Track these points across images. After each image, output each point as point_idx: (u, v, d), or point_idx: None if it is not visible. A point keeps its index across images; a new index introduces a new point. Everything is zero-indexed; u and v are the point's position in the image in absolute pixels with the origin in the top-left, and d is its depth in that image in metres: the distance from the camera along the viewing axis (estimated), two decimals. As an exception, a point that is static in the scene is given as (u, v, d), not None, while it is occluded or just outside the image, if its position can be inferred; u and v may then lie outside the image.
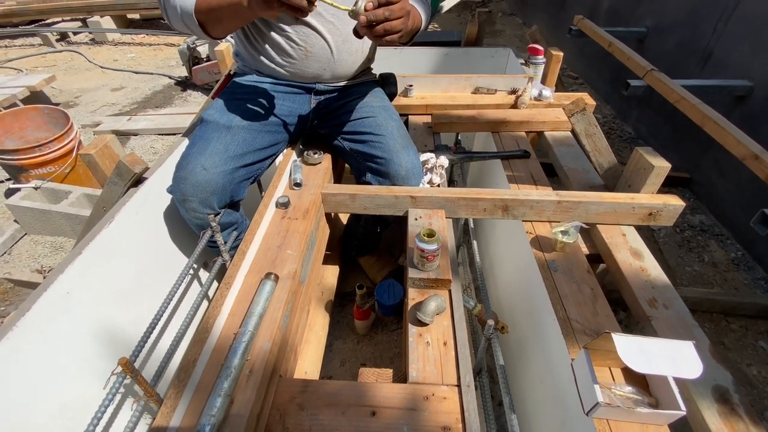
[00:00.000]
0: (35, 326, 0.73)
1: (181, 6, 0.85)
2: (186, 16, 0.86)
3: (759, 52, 1.76)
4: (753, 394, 1.28)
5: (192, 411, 0.59)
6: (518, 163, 1.28)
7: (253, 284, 0.79)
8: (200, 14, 0.85)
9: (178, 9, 0.86)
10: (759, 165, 1.18)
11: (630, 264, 0.92)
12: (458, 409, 0.67)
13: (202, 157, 0.96)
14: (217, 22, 0.88)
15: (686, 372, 0.57)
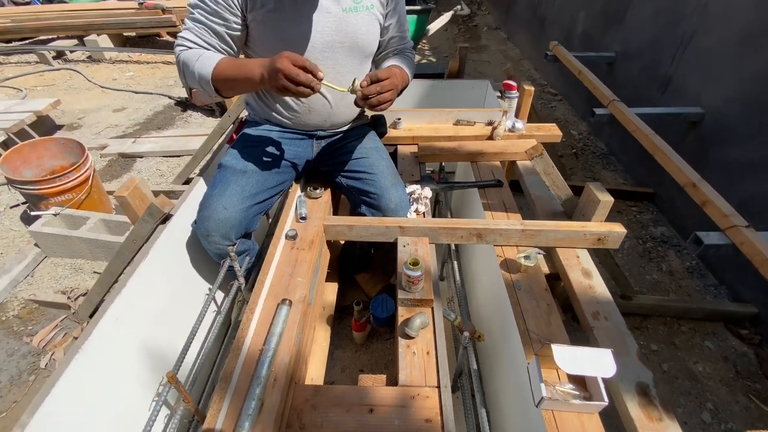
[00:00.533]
0: (95, 347, 0.90)
1: (200, 73, 1.02)
2: (203, 82, 1.03)
3: (709, 82, 1.98)
4: (697, 388, 1.49)
5: (232, 412, 0.76)
6: (492, 191, 1.47)
7: (271, 308, 0.96)
8: (216, 82, 1.02)
9: (197, 75, 1.02)
10: (696, 192, 1.39)
11: (581, 282, 1.11)
12: (438, 405, 0.86)
13: (223, 198, 1.14)
14: (231, 89, 1.06)
15: (604, 372, 0.76)
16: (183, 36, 1.04)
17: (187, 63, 1.02)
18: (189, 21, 1.04)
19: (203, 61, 1.00)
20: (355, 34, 1.10)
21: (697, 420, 1.41)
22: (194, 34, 1.03)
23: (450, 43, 5.22)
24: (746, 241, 1.19)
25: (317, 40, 1.07)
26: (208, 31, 1.03)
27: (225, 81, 1.01)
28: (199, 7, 1.01)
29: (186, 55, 1.03)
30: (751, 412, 1.43)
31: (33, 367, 1.50)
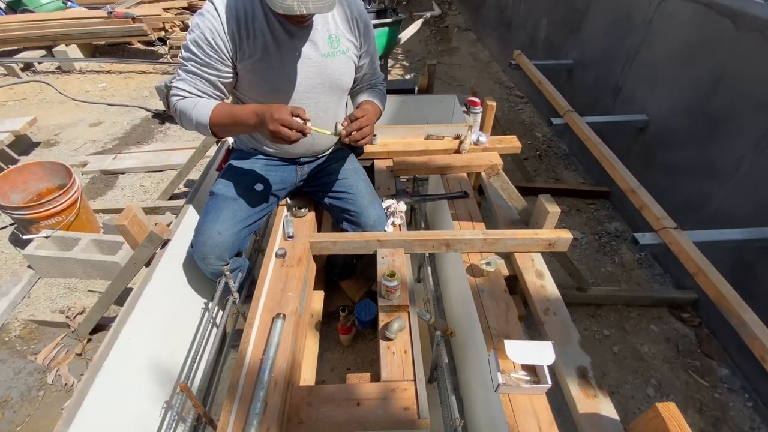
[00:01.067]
0: (114, 364, 1.02)
1: (197, 120, 1.14)
2: (201, 127, 1.15)
3: (653, 91, 2.20)
4: (643, 366, 1.71)
5: (241, 413, 0.90)
6: (460, 202, 1.64)
7: (267, 321, 1.10)
8: (214, 127, 1.14)
9: (194, 122, 1.14)
10: (635, 197, 1.59)
11: (534, 283, 1.29)
12: (414, 395, 1.02)
13: (217, 224, 1.26)
14: (227, 132, 1.18)
15: (546, 361, 0.94)
16: (178, 86, 1.15)
17: (185, 111, 1.13)
18: (183, 72, 1.14)
19: (199, 110, 1.12)
20: (333, 76, 1.24)
21: (642, 394, 1.62)
22: (189, 84, 1.14)
23: (422, 46, 5.37)
24: (674, 241, 1.40)
25: (300, 83, 1.20)
26: (201, 80, 1.14)
27: (221, 126, 1.14)
28: (192, 60, 1.11)
29: (182, 104, 1.14)
30: (690, 386, 1.66)
31: (41, 383, 1.59)
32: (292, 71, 1.17)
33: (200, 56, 1.10)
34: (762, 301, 1.57)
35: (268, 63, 1.14)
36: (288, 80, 1.18)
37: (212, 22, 1.07)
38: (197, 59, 1.11)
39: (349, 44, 1.23)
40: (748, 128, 1.63)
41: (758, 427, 1.52)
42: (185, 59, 1.12)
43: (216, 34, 1.08)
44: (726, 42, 1.72)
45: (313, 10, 0.95)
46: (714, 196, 1.79)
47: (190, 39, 1.10)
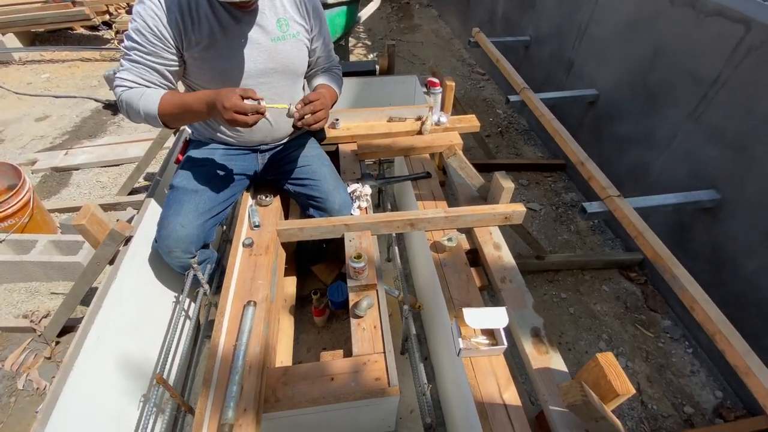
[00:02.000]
0: (84, 363, 1.03)
1: (145, 111, 1.11)
2: (150, 118, 1.12)
3: (601, 66, 2.31)
4: (596, 324, 1.86)
5: (218, 398, 0.95)
6: (423, 182, 1.70)
7: (238, 309, 1.14)
8: (163, 117, 1.12)
9: (142, 113, 1.11)
10: (583, 169, 1.70)
11: (492, 254, 1.38)
12: (384, 366, 1.09)
13: (180, 217, 1.26)
14: (178, 122, 1.17)
15: (500, 324, 1.03)
16: (122, 77, 1.12)
17: (131, 103, 1.10)
18: (126, 62, 1.11)
19: (146, 100, 1.10)
20: (285, 60, 1.24)
21: (595, 349, 1.78)
22: (133, 74, 1.11)
23: (384, 23, 5.30)
24: (617, 208, 1.52)
25: (251, 69, 1.19)
26: (147, 69, 1.11)
27: (171, 116, 1.12)
28: (135, 49, 1.09)
29: (127, 95, 1.11)
30: (637, 338, 1.83)
31: (11, 389, 1.56)
32: (241, 57, 1.16)
33: (144, 45, 1.07)
34: (696, 257, 1.74)
35: (215, 49, 1.12)
36: (238, 66, 1.17)
37: (153, 9, 1.05)
38: (141, 48, 1.08)
39: (299, 27, 1.23)
40: (682, 99, 1.76)
41: (697, 371, 1.71)
42: (128, 48, 1.09)
43: (159, 21, 1.06)
44: (662, 17, 1.83)
45: None
46: (654, 164, 1.94)
47: (132, 28, 1.07)
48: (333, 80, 1.37)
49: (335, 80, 1.39)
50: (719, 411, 1.58)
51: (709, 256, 1.69)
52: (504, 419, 0.99)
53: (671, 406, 1.60)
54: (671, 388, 1.66)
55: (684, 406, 1.60)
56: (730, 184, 1.58)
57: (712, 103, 1.65)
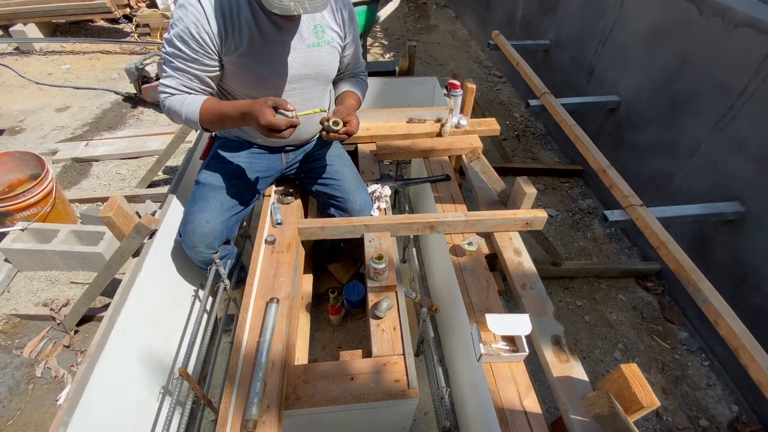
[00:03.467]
0: (110, 354, 1.05)
1: (187, 116, 1.13)
2: (191, 123, 1.14)
3: (624, 73, 2.29)
4: (611, 333, 1.85)
5: (242, 393, 0.96)
6: (442, 185, 1.70)
7: (261, 306, 1.15)
8: (203, 123, 1.14)
9: (183, 117, 1.13)
10: (605, 176, 1.68)
11: (512, 260, 1.38)
12: (404, 368, 1.09)
13: (205, 213, 1.27)
14: (217, 127, 1.18)
15: (523, 331, 1.02)
16: (165, 83, 1.13)
17: (173, 108, 1.13)
18: (169, 69, 1.11)
19: (187, 107, 1.12)
20: (319, 66, 1.24)
21: (610, 358, 1.77)
22: (176, 81, 1.12)
23: (401, 23, 5.30)
24: (640, 217, 1.50)
25: (286, 74, 1.20)
26: (188, 76, 1.11)
27: (212, 122, 1.14)
28: (178, 56, 1.08)
29: (170, 102, 1.13)
30: (653, 349, 1.81)
31: (29, 377, 1.60)
32: (278, 63, 1.16)
33: (186, 51, 1.07)
34: (718, 270, 1.72)
35: (254, 56, 1.12)
36: (274, 72, 1.18)
37: (196, 15, 1.03)
38: (183, 55, 1.08)
39: (334, 34, 1.23)
40: (708, 110, 1.73)
41: (714, 384, 1.69)
42: (170, 55, 1.09)
43: (201, 28, 1.05)
44: (690, 26, 1.80)
45: (310, 10, 0.94)
46: (676, 173, 1.91)
47: (174, 34, 1.06)
48: (358, 87, 1.39)
49: (360, 87, 1.40)
50: (735, 425, 1.56)
51: (730, 268, 1.67)
52: (524, 426, 0.99)
53: (686, 418, 1.58)
54: (687, 401, 1.64)
55: (699, 419, 1.58)
56: (755, 196, 1.56)
57: (738, 114, 1.63)
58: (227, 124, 1.14)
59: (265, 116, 1.01)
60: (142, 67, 3.14)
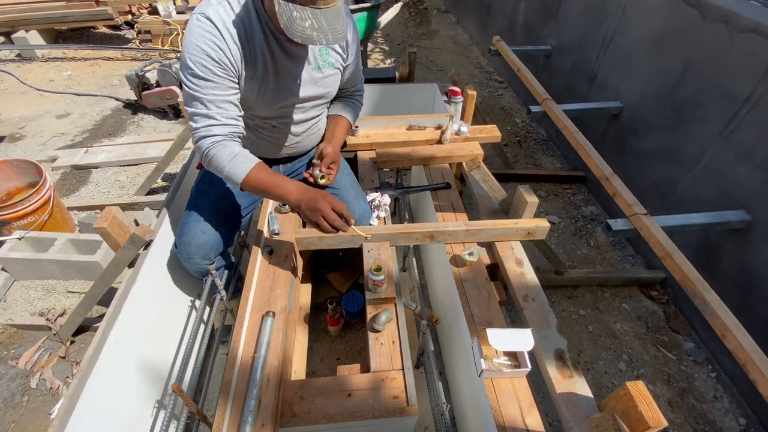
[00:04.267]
0: (103, 367, 1.02)
1: (228, 175, 1.06)
2: (230, 182, 1.09)
3: (626, 79, 2.26)
4: (615, 343, 1.81)
5: (235, 411, 0.93)
6: (442, 193, 1.68)
7: (256, 320, 1.12)
8: (245, 188, 1.09)
9: (224, 174, 1.07)
10: (608, 184, 1.66)
11: (514, 271, 1.35)
12: (403, 384, 1.07)
13: (201, 224, 1.25)
14: (256, 194, 1.13)
15: (525, 347, 0.99)
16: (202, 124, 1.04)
17: (218, 161, 1.05)
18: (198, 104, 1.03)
19: (234, 167, 1.05)
20: (322, 88, 1.23)
21: (615, 369, 1.73)
22: (211, 118, 1.04)
23: (402, 29, 5.30)
24: (644, 226, 1.47)
25: (293, 97, 1.19)
26: (222, 106, 1.04)
27: (252, 189, 1.09)
28: (206, 87, 1.01)
29: (216, 152, 1.04)
30: (658, 360, 1.78)
31: (24, 388, 1.57)
32: (284, 87, 1.15)
33: (211, 79, 1.01)
34: (724, 279, 1.68)
35: (265, 80, 1.11)
36: (282, 96, 1.17)
37: (213, 40, 0.98)
38: (210, 82, 1.01)
39: (337, 56, 1.22)
40: (712, 116, 1.71)
41: (720, 396, 1.65)
42: (194, 89, 1.01)
43: (220, 50, 0.99)
44: (693, 31, 1.78)
45: (333, 42, 0.92)
46: (680, 181, 1.88)
47: (194, 63, 0.99)
48: (351, 111, 1.38)
49: (354, 111, 1.40)
50: (744, 440, 1.53)
51: (737, 278, 1.63)
52: (527, 445, 0.96)
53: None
54: (693, 414, 1.60)
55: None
56: (762, 205, 1.53)
57: (744, 121, 1.60)
58: (271, 197, 1.12)
59: (328, 213, 1.08)
60: (143, 73, 3.14)
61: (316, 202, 1.07)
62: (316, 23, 0.89)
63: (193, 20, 1.00)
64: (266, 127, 1.26)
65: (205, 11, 0.99)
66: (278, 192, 1.09)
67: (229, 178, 1.08)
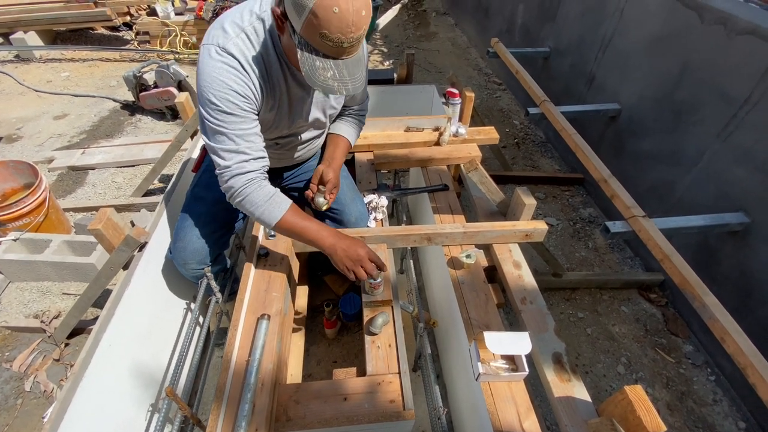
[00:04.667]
0: (95, 371, 1.01)
1: (260, 217, 1.05)
2: (262, 222, 1.08)
3: (625, 80, 2.26)
4: (614, 346, 1.80)
5: (229, 416, 0.92)
6: (440, 195, 1.67)
7: (251, 323, 1.11)
8: (277, 230, 1.10)
9: (256, 215, 1.06)
10: (606, 186, 1.65)
11: (512, 273, 1.34)
12: (399, 387, 1.05)
13: (196, 229, 1.24)
14: (289, 237, 1.13)
15: (522, 351, 0.98)
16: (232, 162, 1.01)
17: (252, 201, 1.03)
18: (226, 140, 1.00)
19: (268, 209, 1.04)
20: (328, 110, 1.24)
21: (614, 372, 1.72)
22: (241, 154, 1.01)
23: (401, 31, 5.30)
24: (642, 229, 1.47)
25: (301, 122, 1.20)
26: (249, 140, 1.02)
27: (285, 232, 1.11)
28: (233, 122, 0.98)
29: (251, 191, 1.03)
30: (657, 363, 1.77)
31: (18, 391, 1.56)
32: (295, 113, 1.15)
33: (238, 114, 0.98)
34: (723, 282, 1.68)
35: (280, 110, 1.11)
36: (292, 123, 1.17)
37: (239, 75, 0.96)
38: (237, 116, 0.98)
39: None
40: (711, 118, 1.70)
41: (720, 400, 1.64)
42: (219, 124, 0.97)
43: (247, 86, 0.98)
44: (691, 34, 1.78)
45: (352, 91, 0.92)
46: (678, 183, 1.88)
47: (219, 99, 0.95)
48: (352, 131, 1.37)
49: (357, 130, 1.39)
50: (744, 444, 1.52)
51: (736, 281, 1.63)
52: (524, 450, 0.95)
53: (693, 436, 1.54)
54: (692, 417, 1.59)
55: (706, 438, 1.53)
56: (761, 207, 1.52)
57: (742, 123, 1.60)
58: (304, 241, 1.13)
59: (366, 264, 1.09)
60: (141, 75, 3.13)
61: (356, 252, 1.09)
62: (338, 74, 0.88)
63: (212, 52, 0.95)
64: (270, 145, 1.26)
65: (224, 45, 0.95)
66: (312, 236, 1.09)
67: (261, 220, 1.07)
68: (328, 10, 0.78)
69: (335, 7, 0.78)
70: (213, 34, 0.97)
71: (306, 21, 0.81)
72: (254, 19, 0.98)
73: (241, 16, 0.99)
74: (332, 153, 1.31)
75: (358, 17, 0.82)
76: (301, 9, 0.80)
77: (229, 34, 0.96)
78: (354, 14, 0.80)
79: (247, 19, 0.98)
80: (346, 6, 0.79)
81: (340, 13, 0.79)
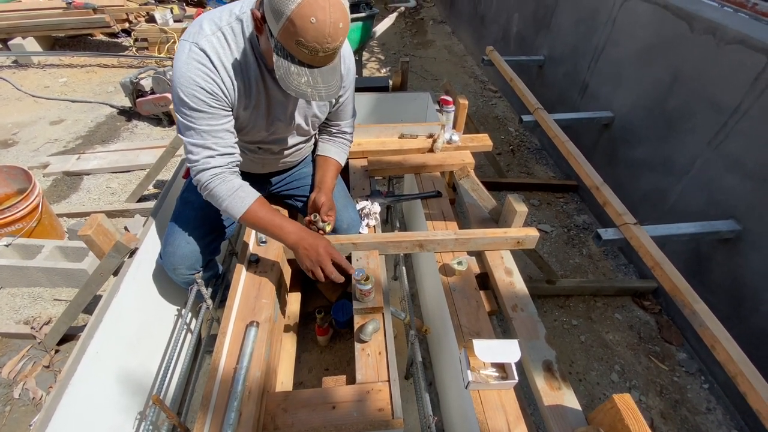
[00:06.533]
0: (82, 378, 1.00)
1: (227, 209, 1.07)
2: (229, 215, 1.10)
3: (617, 89, 2.28)
4: (608, 353, 1.80)
5: (215, 424, 0.91)
6: (433, 202, 1.67)
7: (240, 330, 1.10)
8: (243, 222, 1.11)
9: (223, 207, 1.08)
10: (599, 193, 1.66)
11: (503, 280, 1.34)
12: (388, 396, 1.05)
13: (186, 234, 1.24)
14: (255, 229, 1.16)
15: (511, 359, 0.98)
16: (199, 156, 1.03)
17: (217, 195, 1.06)
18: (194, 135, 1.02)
19: (234, 202, 1.06)
20: (312, 118, 1.24)
21: (607, 380, 1.72)
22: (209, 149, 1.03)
23: (398, 38, 5.35)
24: (634, 236, 1.47)
25: (283, 126, 1.20)
26: (217, 136, 1.04)
27: (251, 225, 1.13)
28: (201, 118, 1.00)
29: (215, 185, 1.05)
30: (651, 371, 1.76)
31: (7, 398, 1.54)
32: (274, 116, 1.15)
33: (205, 110, 0.99)
34: (715, 290, 1.68)
35: (257, 111, 1.10)
36: (272, 126, 1.17)
37: (207, 73, 0.96)
38: (204, 113, 0.99)
39: None
40: (702, 127, 1.72)
41: (714, 408, 1.63)
42: (188, 119, 1.00)
43: (215, 83, 0.98)
44: (682, 43, 1.80)
45: (325, 98, 0.93)
46: (670, 190, 1.89)
47: (185, 95, 0.97)
48: (341, 151, 1.38)
49: (343, 151, 1.39)
50: (737, 453, 1.51)
51: (727, 288, 1.63)
52: (513, 460, 0.94)
53: (687, 445, 1.53)
54: (686, 426, 1.58)
55: (700, 447, 1.52)
56: (751, 215, 1.53)
57: (732, 132, 1.61)
58: (270, 235, 1.15)
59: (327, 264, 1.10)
60: (137, 81, 3.14)
61: (316, 253, 1.09)
62: (312, 80, 0.90)
63: (185, 49, 0.96)
64: (252, 149, 1.26)
65: (198, 41, 0.96)
66: (275, 232, 1.11)
67: (227, 212, 1.09)
68: (306, 20, 0.79)
69: (312, 17, 0.79)
70: (190, 31, 0.99)
71: (283, 27, 0.82)
72: (233, 20, 1.00)
73: (220, 15, 1.00)
74: (322, 177, 1.32)
75: (335, 29, 0.82)
76: (279, 15, 0.81)
77: (205, 31, 0.98)
78: (331, 26, 0.81)
79: (225, 19, 0.99)
80: (324, 18, 0.80)
81: (317, 24, 0.80)
